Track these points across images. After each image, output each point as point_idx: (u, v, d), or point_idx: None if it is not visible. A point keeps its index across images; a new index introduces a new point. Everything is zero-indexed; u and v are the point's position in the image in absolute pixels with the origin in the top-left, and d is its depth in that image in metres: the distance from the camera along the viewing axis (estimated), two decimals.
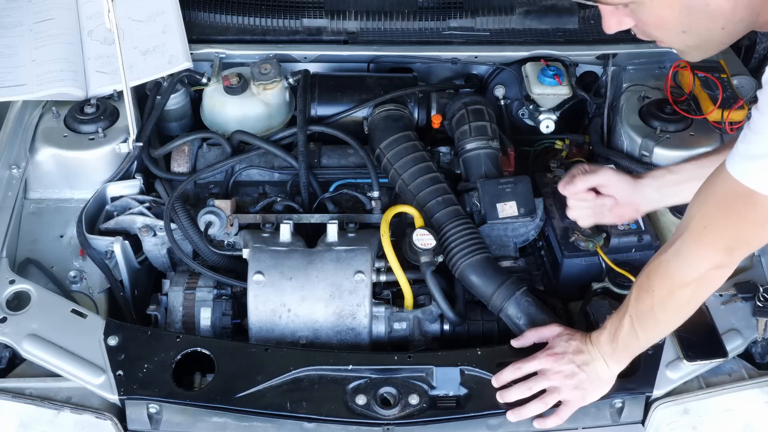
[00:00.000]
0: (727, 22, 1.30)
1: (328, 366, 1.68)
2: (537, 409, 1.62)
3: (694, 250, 1.42)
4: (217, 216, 1.92)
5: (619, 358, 1.61)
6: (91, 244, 1.92)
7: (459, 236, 1.87)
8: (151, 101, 2.18)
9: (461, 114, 2.13)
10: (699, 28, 1.31)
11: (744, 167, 1.29)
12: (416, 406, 1.64)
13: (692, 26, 1.31)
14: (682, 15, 1.30)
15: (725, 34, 1.32)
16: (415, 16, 2.42)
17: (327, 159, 2.17)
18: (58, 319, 1.74)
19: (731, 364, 1.75)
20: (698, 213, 1.41)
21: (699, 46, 1.37)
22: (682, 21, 1.31)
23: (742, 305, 1.79)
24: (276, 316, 1.82)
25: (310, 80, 2.26)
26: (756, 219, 1.33)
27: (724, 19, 1.29)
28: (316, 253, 1.87)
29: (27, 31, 2.30)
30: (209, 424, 1.66)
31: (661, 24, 1.34)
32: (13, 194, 1.98)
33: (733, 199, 1.32)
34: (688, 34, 1.33)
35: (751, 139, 1.28)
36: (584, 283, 1.90)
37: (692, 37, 1.34)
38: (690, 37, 1.34)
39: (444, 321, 1.87)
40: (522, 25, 2.42)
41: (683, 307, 1.51)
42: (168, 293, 1.89)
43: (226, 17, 2.40)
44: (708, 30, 1.32)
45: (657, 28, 1.36)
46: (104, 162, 2.05)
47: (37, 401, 1.65)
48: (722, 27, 1.30)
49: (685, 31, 1.33)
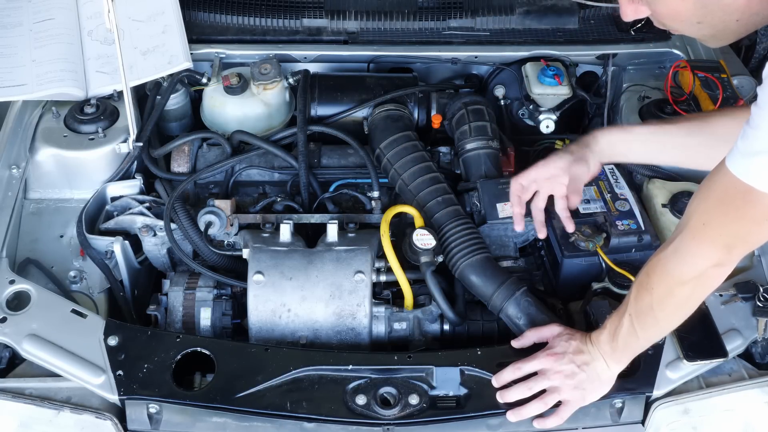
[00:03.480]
0: (742, 15, 1.29)
1: (328, 366, 1.68)
2: (537, 409, 1.62)
3: (693, 248, 1.42)
4: (217, 216, 1.92)
5: (618, 357, 1.61)
6: (91, 244, 1.92)
7: (459, 236, 1.87)
8: (151, 101, 2.18)
9: (461, 114, 2.13)
10: (713, 19, 1.31)
11: (743, 164, 1.29)
12: (416, 406, 1.64)
13: (707, 18, 1.31)
14: (696, 7, 1.30)
15: (740, 26, 1.32)
16: (415, 16, 2.42)
17: (327, 159, 2.17)
18: (58, 319, 1.74)
19: (731, 364, 1.75)
20: (697, 210, 1.40)
21: (714, 35, 1.37)
22: (696, 13, 1.31)
23: (742, 305, 1.79)
24: (276, 316, 1.82)
25: (310, 80, 2.26)
26: (755, 216, 1.32)
27: (739, 12, 1.29)
28: (316, 253, 1.87)
29: (27, 31, 2.30)
30: (209, 424, 1.66)
31: (676, 16, 1.34)
32: (13, 194, 1.98)
33: (732, 196, 1.32)
34: (703, 25, 1.33)
35: (750, 135, 1.27)
36: (584, 283, 1.89)
37: (707, 27, 1.34)
38: (705, 27, 1.34)
39: (444, 321, 1.87)
40: (522, 25, 2.42)
41: (682, 305, 1.51)
42: (168, 293, 1.89)
43: (226, 17, 2.40)
44: (723, 22, 1.31)
45: (672, 20, 1.36)
46: (104, 162, 2.05)
47: (37, 401, 1.64)
48: (737, 19, 1.30)
49: (700, 22, 1.33)
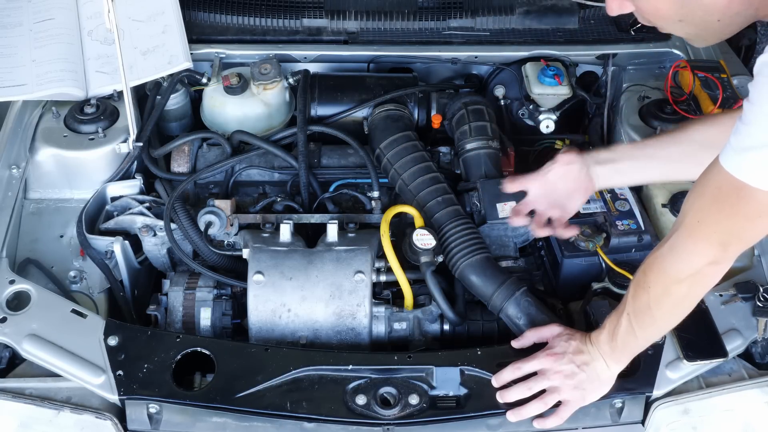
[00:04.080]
0: (723, 15, 1.30)
1: (328, 366, 1.68)
2: (537, 409, 1.62)
3: (689, 246, 1.41)
4: (217, 216, 1.92)
5: (618, 357, 1.61)
6: (91, 244, 1.92)
7: (459, 236, 1.87)
8: (151, 101, 2.18)
9: (461, 114, 2.13)
10: (694, 18, 1.32)
11: (736, 160, 1.28)
12: (416, 406, 1.64)
13: (687, 17, 1.32)
14: (676, 6, 1.31)
15: (723, 26, 1.32)
16: (415, 16, 2.42)
17: (327, 159, 2.17)
18: (58, 319, 1.74)
19: (731, 364, 1.75)
20: (692, 208, 1.40)
21: (698, 34, 1.38)
22: (677, 11, 1.32)
23: (742, 305, 1.79)
24: (276, 316, 1.82)
25: (310, 80, 2.26)
26: (748, 213, 1.32)
27: (720, 13, 1.29)
28: (316, 253, 1.87)
29: (27, 31, 2.30)
30: (209, 424, 1.66)
31: (656, 12, 1.35)
32: (13, 194, 1.98)
33: (726, 192, 1.31)
34: (684, 24, 1.34)
35: (743, 131, 1.26)
36: (584, 283, 1.89)
37: (689, 26, 1.34)
38: (687, 26, 1.35)
39: (444, 321, 1.87)
40: (522, 25, 2.42)
41: (679, 303, 1.51)
42: (168, 293, 1.89)
43: (226, 17, 2.40)
44: (704, 21, 1.32)
45: (654, 16, 1.37)
46: (104, 162, 2.05)
47: (37, 401, 1.64)
48: (718, 19, 1.31)
49: (681, 20, 1.33)
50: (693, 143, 1.72)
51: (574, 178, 1.84)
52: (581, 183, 1.84)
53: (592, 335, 1.64)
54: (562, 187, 1.86)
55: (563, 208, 1.89)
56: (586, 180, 1.84)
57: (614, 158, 1.83)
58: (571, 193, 1.86)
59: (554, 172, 1.86)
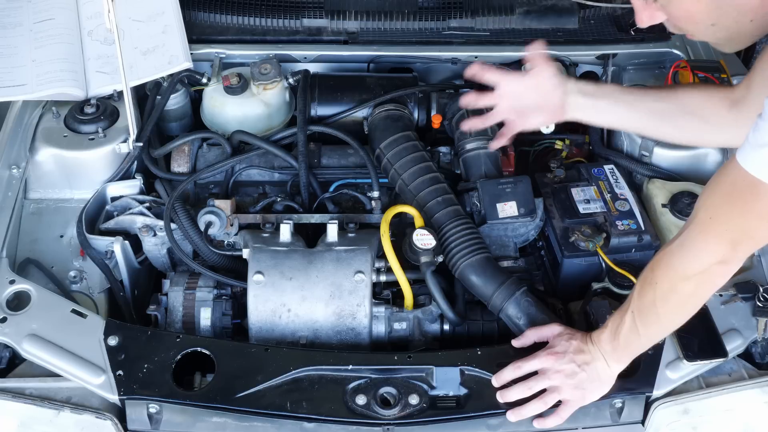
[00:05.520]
0: (756, 15, 1.29)
1: (328, 366, 1.68)
2: (537, 409, 1.62)
3: (699, 242, 1.41)
4: (217, 216, 1.92)
5: (619, 356, 1.61)
6: (91, 244, 1.92)
7: (459, 236, 1.87)
8: (151, 101, 2.18)
9: (461, 114, 2.13)
10: (727, 21, 1.31)
11: (752, 156, 1.27)
12: (416, 406, 1.64)
13: (721, 19, 1.31)
14: (710, 9, 1.30)
15: (755, 27, 1.32)
16: (415, 16, 2.42)
17: (327, 159, 2.17)
18: (58, 319, 1.74)
19: (731, 364, 1.75)
20: (705, 203, 1.39)
21: (730, 38, 1.37)
22: (710, 15, 1.31)
23: (742, 305, 1.79)
24: (276, 316, 1.82)
25: (310, 80, 2.26)
26: (761, 211, 1.31)
27: (753, 12, 1.29)
28: (316, 253, 1.87)
29: (27, 31, 2.30)
30: (209, 424, 1.66)
31: (690, 18, 1.34)
32: (13, 194, 1.98)
33: (741, 189, 1.30)
34: (717, 27, 1.34)
35: (762, 127, 1.25)
36: (584, 283, 1.89)
37: (722, 29, 1.34)
38: (719, 29, 1.34)
39: (444, 321, 1.86)
40: (522, 25, 2.42)
41: (684, 302, 1.50)
42: (168, 293, 1.89)
43: (226, 17, 2.40)
44: (737, 23, 1.31)
45: (686, 22, 1.36)
46: (104, 162, 2.05)
47: (37, 401, 1.65)
48: (751, 20, 1.30)
49: (714, 24, 1.33)
50: (676, 104, 1.72)
51: (546, 93, 1.83)
52: (551, 102, 1.83)
53: (593, 335, 1.64)
54: (532, 98, 1.84)
55: (522, 117, 1.87)
56: (557, 103, 1.83)
57: (596, 93, 1.82)
58: (538, 108, 1.85)
59: (530, 78, 1.84)
